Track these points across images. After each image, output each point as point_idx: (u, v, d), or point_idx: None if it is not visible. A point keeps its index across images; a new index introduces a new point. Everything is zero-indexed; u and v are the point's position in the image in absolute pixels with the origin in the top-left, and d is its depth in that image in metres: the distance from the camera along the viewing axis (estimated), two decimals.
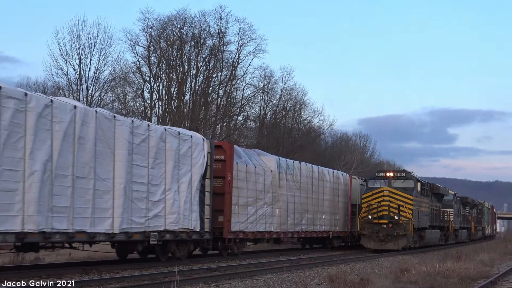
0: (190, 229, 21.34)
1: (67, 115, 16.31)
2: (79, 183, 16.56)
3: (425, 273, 19.07)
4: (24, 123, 14.98)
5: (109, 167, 17.78)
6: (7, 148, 14.50)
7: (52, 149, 15.71)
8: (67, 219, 16.14)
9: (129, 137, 18.53)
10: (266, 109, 60.89)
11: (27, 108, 15.08)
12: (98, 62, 47.65)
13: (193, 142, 21.77)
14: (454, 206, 47.35)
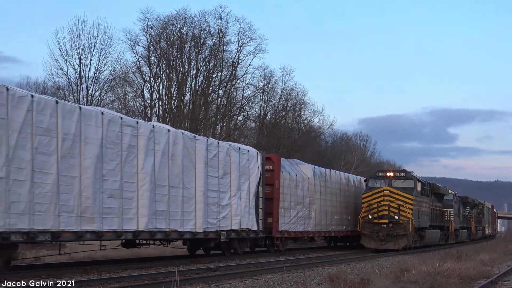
0: (248, 229, 25.24)
1: (164, 137, 20.39)
2: (172, 191, 20.61)
3: (425, 273, 19.06)
4: (136, 145, 19.10)
5: (192, 178, 21.82)
6: (126, 165, 18.55)
7: (154, 164, 19.75)
8: (165, 221, 20.15)
9: (205, 153, 22.51)
10: (266, 109, 60.93)
11: (138, 133, 19.18)
12: (98, 62, 47.70)
13: (250, 155, 25.71)
14: (454, 206, 47.34)
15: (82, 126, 17.03)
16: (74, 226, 16.53)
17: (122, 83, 51.20)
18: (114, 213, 17.93)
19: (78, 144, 16.87)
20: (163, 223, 19.99)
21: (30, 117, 15.41)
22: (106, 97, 50.03)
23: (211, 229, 22.70)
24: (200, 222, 21.96)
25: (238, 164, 24.64)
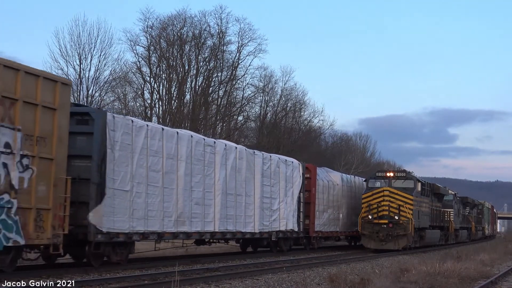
0: (292, 229, 29.04)
1: (232, 154, 24.54)
2: (238, 198, 24.75)
3: (425, 273, 19.06)
4: (214, 161, 23.06)
5: (252, 187, 25.92)
6: (207, 177, 22.66)
7: (226, 176, 23.84)
8: (233, 223, 24.34)
9: (261, 165, 26.62)
10: (266, 109, 60.92)
11: (215, 151, 23.25)
12: (99, 62, 47.65)
13: (293, 166, 29.70)
14: (454, 206, 47.34)
15: (179, 147, 21.14)
16: (172, 228, 20.81)
17: (122, 83, 51.20)
18: (199, 217, 22.24)
19: (176, 162, 20.95)
20: (231, 225, 24.30)
21: (146, 142, 19.51)
22: (106, 97, 50.02)
23: (265, 230, 26.94)
24: (257, 224, 26.21)
25: (285, 174, 28.74)
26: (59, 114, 15.92)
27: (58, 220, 15.83)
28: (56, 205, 15.78)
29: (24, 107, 14.88)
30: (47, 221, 15.55)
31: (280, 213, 28.10)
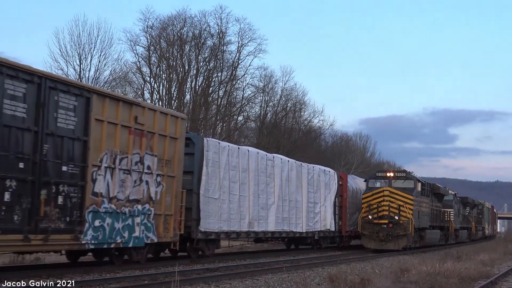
0: (329, 229, 33.46)
1: (286, 166, 29.24)
2: (290, 204, 29.25)
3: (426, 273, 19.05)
4: (273, 172, 27.86)
5: (300, 193, 30.49)
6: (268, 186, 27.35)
7: (281, 185, 28.44)
8: (287, 224, 28.93)
9: (307, 175, 31.15)
10: (266, 109, 60.95)
11: (274, 164, 28.05)
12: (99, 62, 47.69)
13: (330, 175, 34.27)
14: (455, 206, 47.33)
15: (249, 162, 25.80)
16: (246, 228, 25.55)
17: (122, 83, 51.24)
18: (263, 219, 26.89)
19: (247, 174, 25.68)
20: (285, 226, 28.79)
21: (228, 159, 24.15)
22: None
23: (309, 230, 31.39)
24: (304, 225, 30.72)
25: (324, 182, 33.23)
26: (179, 142, 20.79)
27: (177, 223, 20.84)
28: (176, 211, 20.74)
29: (159, 138, 19.79)
30: (171, 224, 20.50)
31: (321, 216, 32.80)
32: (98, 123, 17.26)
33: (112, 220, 17.92)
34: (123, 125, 18.18)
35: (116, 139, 17.97)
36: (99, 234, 17.34)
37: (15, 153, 14.65)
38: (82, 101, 16.68)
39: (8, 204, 14.43)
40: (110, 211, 17.82)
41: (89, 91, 17.07)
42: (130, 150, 18.58)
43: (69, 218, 16.20)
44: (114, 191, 17.98)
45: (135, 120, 18.69)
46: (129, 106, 18.50)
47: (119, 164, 18.13)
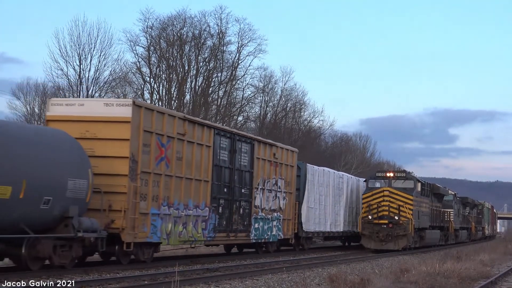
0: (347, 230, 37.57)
1: (350, 181, 38.07)
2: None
3: (425, 273, 19.06)
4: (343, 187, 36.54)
5: (341, 200, 36.26)
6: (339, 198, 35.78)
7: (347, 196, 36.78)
8: (334, 226, 35.01)
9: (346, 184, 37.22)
10: (266, 109, 61.02)
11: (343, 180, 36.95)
12: (98, 63, 47.73)
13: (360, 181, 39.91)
14: (454, 206, 47.33)
15: (329, 179, 34.46)
16: (329, 229, 34.16)
17: (122, 83, 51.26)
18: (337, 222, 35.31)
19: (329, 189, 34.23)
20: (333, 227, 34.93)
21: (318, 179, 32.78)
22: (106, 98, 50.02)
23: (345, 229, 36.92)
24: (342, 226, 36.27)
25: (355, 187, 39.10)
26: (294, 168, 29.68)
27: (292, 225, 29.51)
28: (292, 217, 29.48)
29: (285, 166, 28.66)
30: (289, 226, 29.31)
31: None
32: (257, 159, 25.97)
33: (263, 223, 26.68)
34: (268, 159, 26.92)
35: (264, 169, 26.75)
36: (257, 233, 26.15)
37: (223, 182, 23.58)
38: (250, 147, 25.47)
39: (220, 215, 23.36)
40: (262, 218, 26.51)
41: (253, 140, 25.93)
42: (271, 176, 27.39)
43: (244, 223, 25.15)
44: (264, 204, 26.67)
45: (273, 156, 27.37)
46: (270, 147, 27.30)
47: (266, 186, 26.80)
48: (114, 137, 18.49)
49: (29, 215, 15.37)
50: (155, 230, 19.67)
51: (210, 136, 22.47)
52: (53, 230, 16.29)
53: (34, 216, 15.54)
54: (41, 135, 16.44)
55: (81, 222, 16.63)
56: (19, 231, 15.23)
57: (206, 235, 22.53)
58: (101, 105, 19.09)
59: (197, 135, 21.71)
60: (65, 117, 18.76)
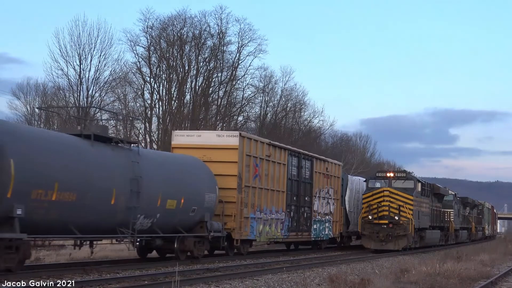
0: None
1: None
2: None
3: (426, 274, 19.07)
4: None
5: None
6: None
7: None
8: None
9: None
10: (267, 109, 60.97)
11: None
12: (99, 63, 47.75)
13: None
14: (455, 206, 47.32)
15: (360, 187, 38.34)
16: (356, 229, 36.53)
17: (122, 83, 51.23)
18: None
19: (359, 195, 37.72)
20: None
21: (354, 186, 37.81)
22: (106, 98, 50.07)
23: None
24: None
25: None
26: (339, 179, 35.39)
27: (339, 226, 35.16)
28: (338, 219, 35.10)
29: (333, 178, 34.49)
30: (337, 227, 35.08)
31: None
32: (315, 173, 32.10)
33: (319, 225, 32.63)
34: (322, 173, 32.90)
35: (320, 180, 32.73)
36: (315, 232, 32.19)
37: (293, 192, 29.67)
38: (310, 163, 31.72)
39: (292, 218, 29.46)
40: (318, 220, 32.46)
41: (312, 157, 32.14)
42: (324, 186, 33.34)
43: (307, 224, 31.28)
44: (319, 209, 32.56)
45: (326, 170, 33.32)
46: (324, 162, 33.56)
47: (321, 194, 32.73)
48: (226, 160, 24.25)
49: (183, 220, 21.44)
50: (252, 230, 25.73)
51: (285, 156, 28.71)
52: (193, 230, 22.09)
53: (185, 220, 21.58)
54: (188, 163, 22.42)
55: (211, 225, 22.71)
56: (175, 231, 21.15)
57: (282, 234, 28.62)
58: (214, 136, 25.48)
59: (277, 156, 27.93)
60: (187, 145, 24.52)
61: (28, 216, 15.08)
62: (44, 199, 15.74)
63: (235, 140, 24.49)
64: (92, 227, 17.75)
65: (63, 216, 16.48)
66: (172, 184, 20.60)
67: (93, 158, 17.75)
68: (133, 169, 18.85)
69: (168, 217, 20.47)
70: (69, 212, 16.63)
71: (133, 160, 19.05)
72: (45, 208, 15.83)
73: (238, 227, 24.30)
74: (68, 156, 16.93)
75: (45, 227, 16.24)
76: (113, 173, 18.28)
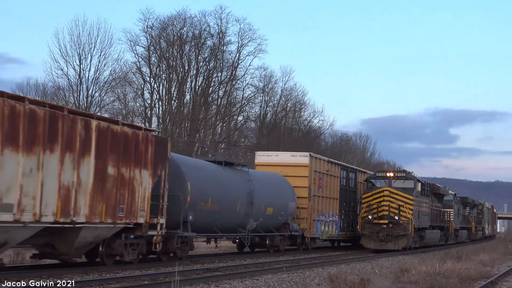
0: None
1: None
2: None
3: (425, 273, 19.06)
4: None
5: None
6: None
7: None
8: None
9: None
10: (266, 109, 60.97)
11: None
12: (98, 63, 47.72)
13: None
14: (454, 206, 47.32)
15: None
16: None
17: (122, 83, 51.22)
18: None
19: None
20: None
21: None
22: (106, 98, 50.03)
23: None
24: None
25: None
26: None
27: None
28: None
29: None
30: None
31: None
32: (358, 183, 37.88)
33: None
34: (362, 182, 37.93)
35: (361, 189, 37.48)
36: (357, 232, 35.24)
37: (343, 199, 35.60)
38: (354, 174, 38.15)
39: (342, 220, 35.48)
40: None
41: (356, 170, 38.98)
42: None
43: (352, 225, 36.76)
44: None
45: None
46: (364, 173, 39.41)
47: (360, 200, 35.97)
48: (298, 175, 30.73)
49: (275, 222, 28.28)
50: (317, 230, 32.10)
51: (338, 170, 35.34)
52: (279, 230, 28.79)
53: (276, 223, 28.42)
54: (277, 179, 29.42)
55: (292, 226, 29.32)
56: (268, 231, 27.96)
57: (336, 233, 34.94)
58: (289, 155, 32.13)
59: (333, 170, 34.60)
60: (267, 163, 31.27)
61: (194, 220, 21.90)
62: (203, 208, 22.60)
63: (306, 159, 31.18)
64: (225, 228, 24.69)
65: (211, 220, 23.33)
66: (270, 195, 27.50)
67: (226, 179, 24.65)
68: (248, 185, 25.95)
69: (267, 220, 27.44)
70: (214, 218, 23.49)
71: (248, 179, 26.08)
72: (203, 215, 22.60)
73: (308, 227, 30.96)
74: (214, 178, 23.76)
75: (200, 228, 22.75)
76: (238, 189, 25.17)
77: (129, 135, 18.12)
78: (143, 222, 18.69)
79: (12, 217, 14.28)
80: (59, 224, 15.81)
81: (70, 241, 16.91)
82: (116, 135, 17.58)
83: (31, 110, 14.67)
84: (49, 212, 15.29)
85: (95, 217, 16.84)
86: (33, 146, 14.75)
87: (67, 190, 15.83)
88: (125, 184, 17.89)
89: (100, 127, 17.04)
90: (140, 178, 18.45)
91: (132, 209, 18.21)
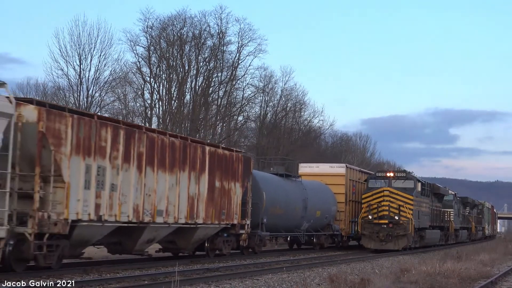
0: None
1: None
2: None
3: (425, 273, 19.06)
4: None
5: None
6: None
7: None
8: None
9: None
10: (266, 109, 60.89)
11: None
12: (99, 63, 47.63)
13: None
14: (455, 206, 47.32)
15: None
16: None
17: (122, 83, 51.14)
18: None
19: None
20: None
21: None
22: (106, 98, 49.94)
23: None
24: None
25: None
26: None
27: None
28: None
29: None
30: None
31: None
32: None
33: None
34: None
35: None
36: None
37: None
38: None
39: None
40: None
41: None
42: None
43: None
44: None
45: None
46: None
47: None
48: (337, 183, 35.78)
49: (321, 223, 33.82)
50: (352, 230, 36.39)
51: (365, 177, 37.88)
52: (323, 230, 34.10)
53: (322, 224, 33.92)
54: (323, 187, 34.67)
55: (334, 226, 34.68)
56: (316, 231, 33.34)
57: None
58: (328, 167, 37.41)
59: (362, 178, 38.51)
60: (309, 173, 35.78)
61: (267, 222, 27.42)
62: (273, 213, 28.16)
63: (343, 170, 36.65)
64: (286, 228, 30.55)
65: (278, 222, 28.81)
66: (318, 201, 32.84)
67: (288, 188, 30.21)
68: (303, 193, 31.46)
69: (316, 222, 32.76)
70: (280, 220, 29.05)
71: (303, 187, 31.63)
72: (273, 218, 28.08)
73: (346, 228, 36.13)
74: (280, 188, 29.28)
75: (270, 228, 28.41)
76: (295, 196, 30.68)
77: (227, 156, 23.57)
78: (236, 223, 24.18)
79: (162, 220, 19.63)
80: (187, 225, 21.08)
81: (188, 238, 22.02)
82: (219, 156, 23.02)
83: (172, 142, 20.08)
84: (182, 216, 20.66)
85: (208, 219, 22.18)
86: (174, 168, 20.12)
87: (192, 199, 21.19)
88: (225, 193, 23.35)
89: (210, 151, 22.46)
90: (234, 189, 23.96)
91: (230, 212, 23.71)
